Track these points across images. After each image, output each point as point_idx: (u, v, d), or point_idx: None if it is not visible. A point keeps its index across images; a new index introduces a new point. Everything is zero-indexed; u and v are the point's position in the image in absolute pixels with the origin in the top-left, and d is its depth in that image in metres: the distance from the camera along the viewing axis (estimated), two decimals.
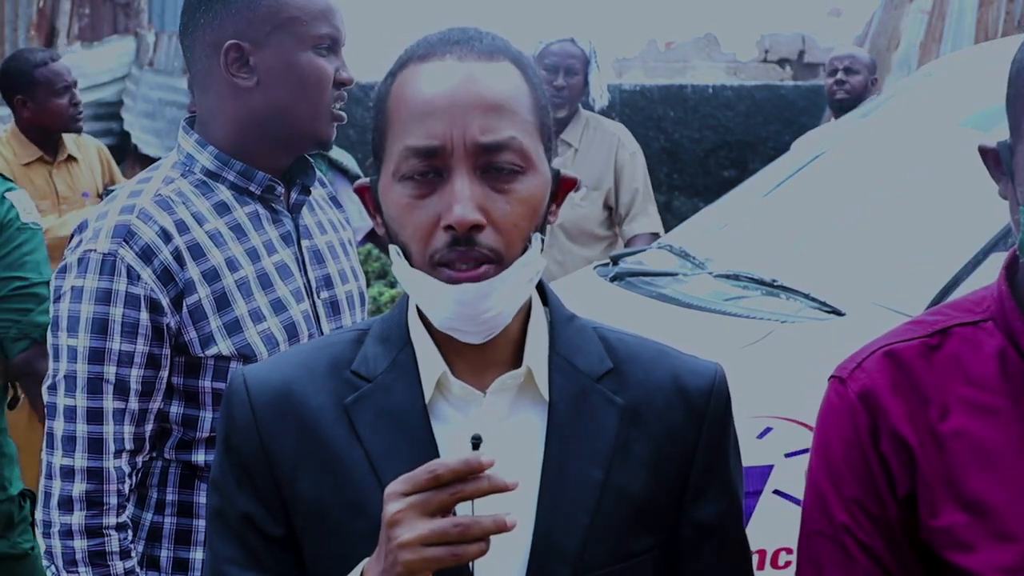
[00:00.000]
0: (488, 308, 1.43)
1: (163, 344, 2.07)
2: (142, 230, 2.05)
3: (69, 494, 2.04)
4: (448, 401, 1.49)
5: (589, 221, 5.01)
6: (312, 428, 1.49)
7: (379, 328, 1.54)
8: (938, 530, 1.39)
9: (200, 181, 2.15)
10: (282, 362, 1.57)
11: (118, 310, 2.04)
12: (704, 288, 3.56)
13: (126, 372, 2.05)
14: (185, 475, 2.13)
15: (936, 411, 1.41)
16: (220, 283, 2.09)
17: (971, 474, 1.39)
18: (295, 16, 2.12)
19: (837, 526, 1.44)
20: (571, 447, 1.48)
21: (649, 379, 1.52)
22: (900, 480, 1.41)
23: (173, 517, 2.13)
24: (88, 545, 2.04)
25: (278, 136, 2.15)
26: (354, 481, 1.46)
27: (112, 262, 2.04)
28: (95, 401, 2.05)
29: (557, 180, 1.51)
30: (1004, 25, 7.80)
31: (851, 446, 1.43)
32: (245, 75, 2.12)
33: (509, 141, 1.42)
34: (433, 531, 1.30)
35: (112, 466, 2.05)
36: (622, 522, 1.48)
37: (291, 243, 2.21)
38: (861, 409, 1.43)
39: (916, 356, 1.43)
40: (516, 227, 1.43)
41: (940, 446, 1.40)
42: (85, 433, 2.05)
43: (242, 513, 1.51)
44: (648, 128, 8.74)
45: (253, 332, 2.10)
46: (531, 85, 1.48)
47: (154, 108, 8.24)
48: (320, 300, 2.23)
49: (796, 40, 10.69)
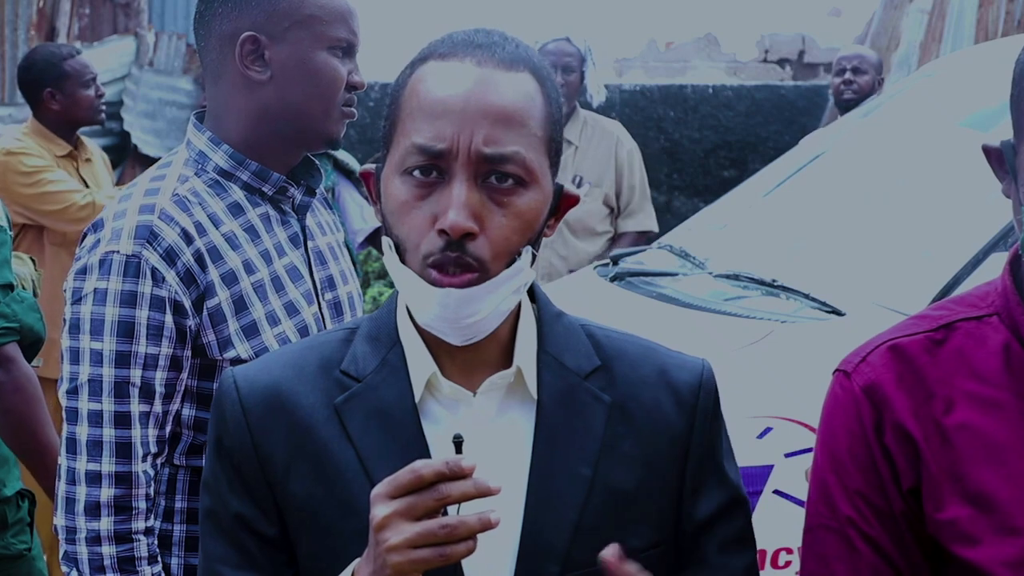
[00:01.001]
0: (470, 315, 1.43)
1: (185, 346, 2.05)
2: (165, 231, 2.03)
3: (96, 499, 2.01)
4: (438, 401, 1.50)
5: (591, 217, 5.09)
6: (303, 428, 1.49)
7: (368, 327, 1.55)
8: (944, 523, 1.40)
9: (213, 180, 2.13)
10: (272, 362, 1.57)
11: (144, 312, 2.01)
12: (704, 288, 3.56)
13: (151, 375, 2.03)
14: (193, 482, 2.10)
15: (941, 405, 1.41)
16: (238, 286, 2.07)
17: (976, 468, 1.39)
18: (315, 15, 2.10)
19: (842, 519, 1.44)
20: (559, 445, 1.49)
21: (637, 375, 1.53)
22: (905, 473, 1.41)
23: (183, 525, 2.11)
24: (117, 551, 2.01)
25: (289, 133, 2.14)
26: (345, 481, 1.47)
27: (137, 264, 2.01)
28: (122, 405, 2.02)
29: (559, 195, 1.51)
30: (1004, 25, 7.81)
31: (856, 439, 1.44)
32: (259, 69, 2.11)
33: (513, 155, 1.42)
34: (420, 533, 1.30)
35: (140, 470, 2.02)
36: (611, 519, 1.49)
37: (299, 245, 2.21)
38: (866, 402, 1.43)
39: (921, 350, 1.44)
40: (507, 240, 1.43)
41: (945, 440, 1.40)
42: (112, 437, 2.02)
43: (234, 513, 1.51)
44: (648, 128, 8.73)
45: (270, 335, 2.09)
46: (547, 98, 1.48)
47: (154, 108, 8.24)
48: (325, 301, 2.22)
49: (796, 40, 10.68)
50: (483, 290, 1.43)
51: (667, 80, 9.81)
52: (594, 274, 3.95)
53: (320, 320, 2.19)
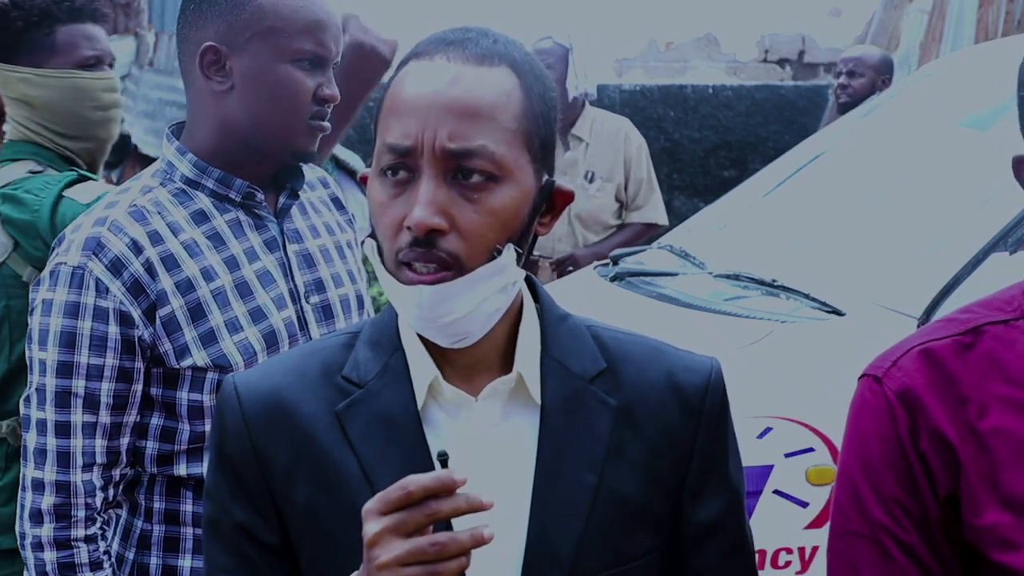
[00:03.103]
0: (446, 313, 1.41)
1: (135, 357, 2.06)
2: (112, 242, 2.05)
3: (39, 506, 2.05)
4: (440, 406, 1.48)
5: (604, 211, 5.21)
6: (304, 435, 1.48)
7: (369, 332, 1.53)
8: (983, 529, 1.37)
9: (179, 190, 2.14)
10: (273, 368, 1.55)
11: (86, 323, 2.04)
12: (704, 288, 3.56)
13: (96, 386, 2.05)
14: (171, 484, 2.13)
15: (975, 409, 1.39)
16: (195, 293, 2.08)
17: (1013, 472, 1.37)
18: (276, 26, 2.09)
19: (875, 525, 1.42)
20: (564, 451, 1.46)
21: (643, 378, 1.51)
22: (941, 480, 1.39)
23: (161, 525, 2.13)
24: (57, 557, 2.05)
25: (253, 144, 2.14)
26: (347, 489, 1.45)
27: (81, 275, 2.04)
28: (63, 415, 2.05)
29: (550, 191, 1.48)
30: (1004, 25, 7.80)
31: (890, 445, 1.41)
32: (220, 79, 2.11)
33: (479, 149, 1.40)
34: (409, 551, 1.28)
35: (80, 480, 2.05)
36: (617, 525, 1.47)
37: (276, 249, 2.19)
38: (900, 408, 1.41)
39: (951, 354, 1.42)
40: (481, 236, 1.40)
41: (981, 445, 1.38)
42: (54, 446, 2.05)
43: (236, 522, 1.50)
44: (648, 128, 8.71)
45: (229, 342, 2.09)
46: (526, 92, 1.45)
47: (154, 108, 8.23)
48: (309, 305, 2.21)
49: (796, 40, 10.67)
50: (457, 287, 1.40)
51: (667, 80, 9.80)
52: (594, 274, 3.95)
53: (294, 324, 2.17)
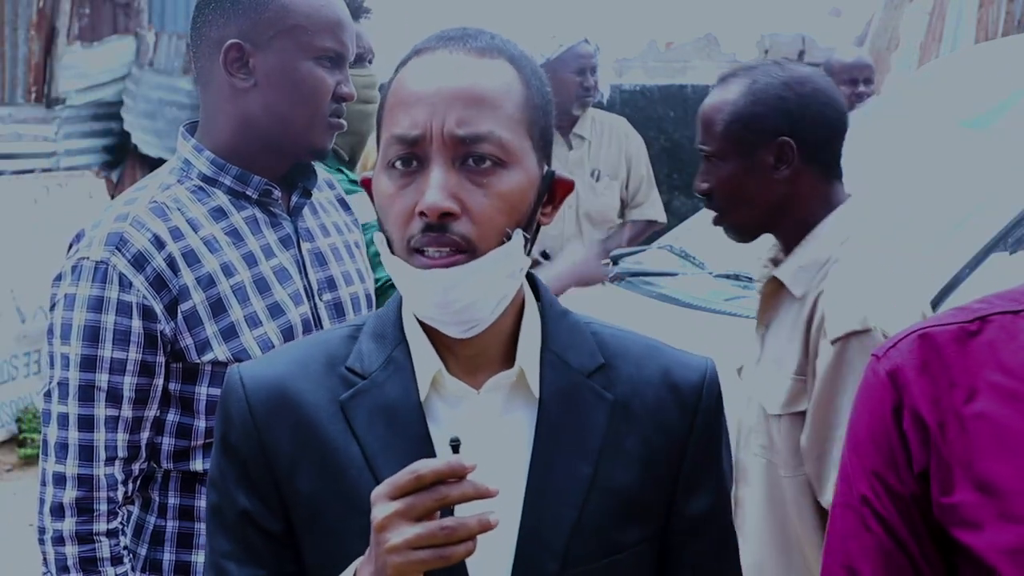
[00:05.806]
0: (459, 297, 1.43)
1: (157, 351, 2.07)
2: (135, 237, 2.06)
3: (60, 501, 2.05)
4: (442, 398, 1.50)
5: (610, 209, 5.24)
6: (308, 425, 1.50)
7: (373, 324, 1.55)
8: (948, 507, 1.41)
9: (197, 187, 2.16)
10: (277, 359, 1.57)
11: (110, 317, 2.04)
12: (704, 288, 3.56)
13: (119, 380, 2.05)
14: (186, 480, 2.13)
15: (962, 394, 1.43)
16: (215, 289, 2.09)
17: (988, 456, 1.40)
18: (300, 24, 2.12)
19: (858, 497, 1.46)
20: (560, 443, 1.49)
21: (640, 374, 1.54)
22: (917, 457, 1.43)
23: (175, 521, 2.13)
24: (79, 551, 2.05)
25: (273, 141, 2.15)
26: (350, 478, 1.47)
27: (104, 270, 2.05)
28: (86, 408, 2.05)
29: (551, 181, 1.51)
30: (1004, 25, 7.81)
31: (876, 420, 1.46)
32: (243, 76, 2.12)
33: (487, 134, 1.43)
34: (419, 535, 1.31)
35: (103, 473, 2.05)
36: (610, 516, 1.49)
37: (291, 246, 2.21)
38: (889, 386, 1.45)
39: (951, 340, 1.45)
40: (492, 220, 1.43)
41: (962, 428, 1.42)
42: (76, 440, 2.05)
43: (240, 510, 1.51)
44: (648, 128, 8.71)
45: (249, 337, 2.11)
46: (525, 84, 1.48)
47: (154, 108, 8.24)
48: (322, 302, 2.23)
49: (796, 40, 10.67)
50: (470, 270, 1.43)
51: (667, 80, 9.80)
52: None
53: (311, 322, 2.20)
